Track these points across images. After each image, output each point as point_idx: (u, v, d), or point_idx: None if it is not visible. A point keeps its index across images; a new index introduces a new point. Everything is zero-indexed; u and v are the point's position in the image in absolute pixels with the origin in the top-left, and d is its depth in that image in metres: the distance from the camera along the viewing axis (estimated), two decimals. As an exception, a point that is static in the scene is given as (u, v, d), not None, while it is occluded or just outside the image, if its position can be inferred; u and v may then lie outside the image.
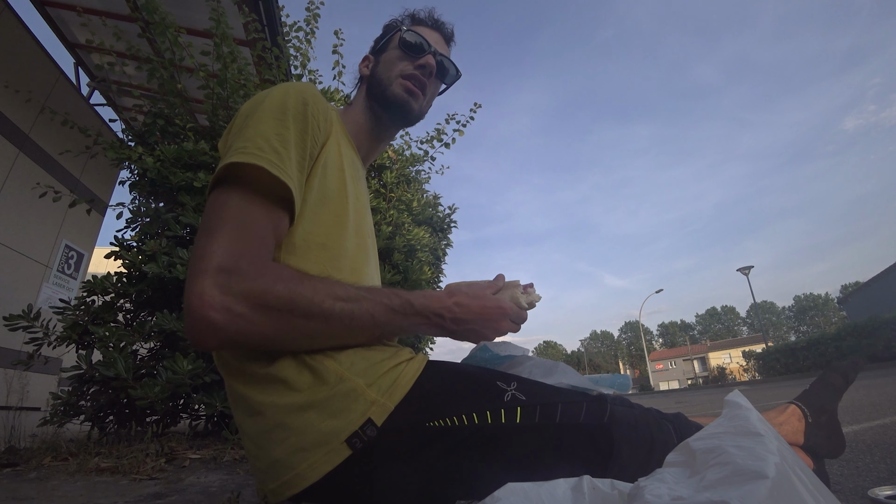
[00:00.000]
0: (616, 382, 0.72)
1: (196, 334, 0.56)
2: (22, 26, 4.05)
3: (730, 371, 29.11)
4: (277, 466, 0.62)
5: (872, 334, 12.97)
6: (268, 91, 0.71)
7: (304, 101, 0.69)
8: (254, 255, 0.58)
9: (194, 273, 0.56)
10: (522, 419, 0.63)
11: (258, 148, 0.62)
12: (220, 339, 0.56)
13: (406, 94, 0.88)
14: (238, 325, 0.55)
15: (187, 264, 0.66)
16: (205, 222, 0.61)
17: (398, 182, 3.26)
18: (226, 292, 0.55)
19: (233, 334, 0.56)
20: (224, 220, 0.60)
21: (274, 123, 0.66)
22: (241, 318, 0.55)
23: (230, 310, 0.55)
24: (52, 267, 4.65)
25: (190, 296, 0.55)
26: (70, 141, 3.51)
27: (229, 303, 0.55)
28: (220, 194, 0.63)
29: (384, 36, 0.96)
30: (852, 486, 1.08)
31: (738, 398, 0.53)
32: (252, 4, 3.15)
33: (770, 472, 0.37)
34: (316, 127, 0.70)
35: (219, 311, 0.54)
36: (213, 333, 0.55)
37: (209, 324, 0.54)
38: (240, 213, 0.61)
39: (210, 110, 2.41)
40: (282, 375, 0.62)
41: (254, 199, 0.62)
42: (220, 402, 1.80)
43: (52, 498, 1.12)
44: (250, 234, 0.60)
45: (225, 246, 0.57)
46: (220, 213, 0.61)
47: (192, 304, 0.54)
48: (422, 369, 0.67)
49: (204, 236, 0.59)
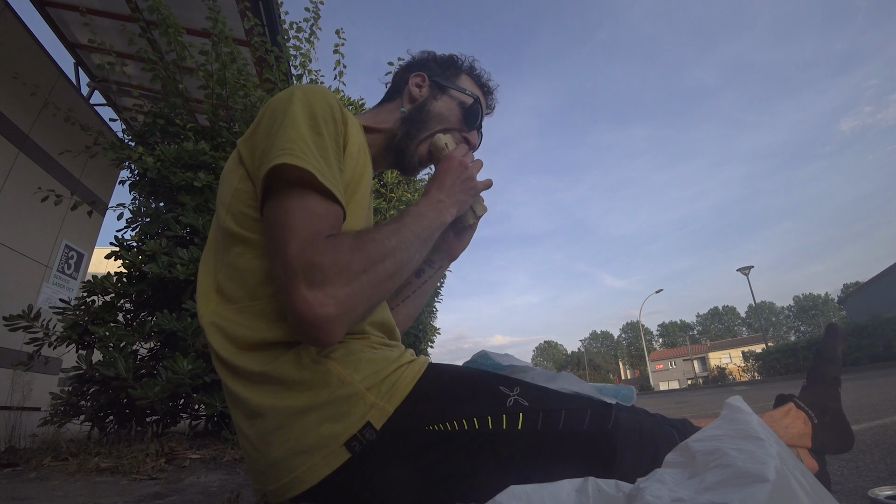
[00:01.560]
0: (620, 393, 0.71)
1: (321, 335, 0.56)
2: (22, 26, 4.05)
3: (729, 371, 29.11)
4: (276, 469, 0.61)
5: (872, 334, 12.95)
6: (291, 93, 0.70)
7: (329, 104, 0.70)
8: (324, 239, 0.59)
9: (286, 286, 0.57)
10: (524, 426, 0.62)
11: (303, 152, 0.62)
12: (342, 325, 0.58)
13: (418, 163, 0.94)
14: (348, 304, 0.57)
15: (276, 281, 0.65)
16: (274, 234, 0.61)
17: (398, 182, 3.26)
18: (322, 285, 0.56)
19: (350, 314, 0.58)
20: (288, 223, 0.60)
21: (307, 126, 0.66)
22: (347, 298, 0.57)
23: (335, 297, 0.56)
24: (52, 267, 4.65)
25: (294, 307, 0.55)
26: (70, 141, 3.51)
27: (331, 291, 0.56)
28: (274, 205, 0.63)
29: (446, 72, 0.95)
30: (852, 486, 1.08)
31: (738, 402, 0.53)
32: (252, 4, 3.15)
33: (770, 476, 0.37)
34: (339, 132, 0.71)
35: (329, 304, 0.56)
36: (335, 325, 0.57)
37: (327, 320, 0.56)
38: (299, 210, 0.61)
39: (210, 110, 2.41)
40: (282, 377, 0.62)
41: (308, 195, 0.62)
42: (220, 402, 1.80)
43: (52, 498, 1.12)
44: (314, 223, 0.60)
45: (298, 243, 0.58)
46: (282, 218, 0.61)
47: (302, 310, 0.55)
48: (422, 372, 0.67)
49: (279, 248, 0.59)
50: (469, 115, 0.92)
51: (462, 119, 0.92)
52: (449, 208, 0.80)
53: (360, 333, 0.71)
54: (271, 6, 3.23)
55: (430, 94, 0.92)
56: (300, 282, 0.55)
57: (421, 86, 0.93)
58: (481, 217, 0.98)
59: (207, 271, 0.74)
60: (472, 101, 0.92)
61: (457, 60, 0.97)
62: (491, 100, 1.00)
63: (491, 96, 1.00)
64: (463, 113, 0.92)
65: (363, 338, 0.71)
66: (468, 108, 0.92)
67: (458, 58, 0.97)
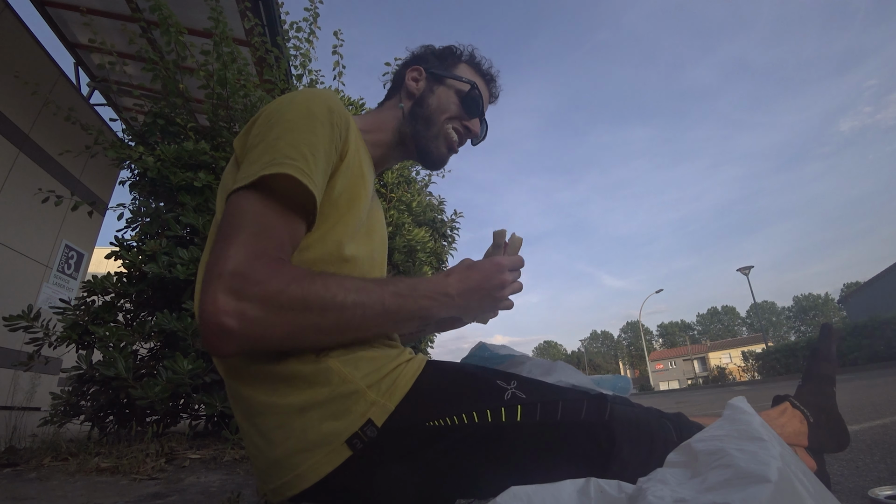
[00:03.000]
0: (617, 384, 0.72)
1: (212, 342, 0.54)
2: (22, 26, 4.05)
3: (729, 371, 29.10)
4: (278, 467, 0.62)
5: (872, 334, 12.94)
6: (291, 96, 0.70)
7: (329, 108, 0.68)
8: (269, 259, 0.57)
9: (208, 279, 0.55)
10: (523, 417, 0.63)
11: (286, 156, 0.61)
12: (236, 344, 0.54)
13: (447, 151, 0.92)
14: (253, 329, 0.54)
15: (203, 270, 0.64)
16: (222, 228, 0.60)
17: (398, 182, 3.26)
18: (240, 297, 0.53)
19: (249, 339, 0.55)
20: (241, 226, 0.59)
21: (303, 129, 0.65)
22: (255, 322, 0.54)
23: (244, 314, 0.53)
24: (52, 267, 4.65)
25: (203, 303, 0.54)
26: (70, 141, 3.51)
27: (244, 307, 0.53)
28: (239, 199, 0.61)
29: (444, 63, 0.94)
30: (852, 486, 1.08)
31: (741, 403, 0.53)
32: (252, 4, 3.15)
33: (772, 476, 0.37)
34: (338, 136, 0.70)
35: (232, 316, 0.53)
36: (229, 340, 0.54)
37: (224, 330, 0.53)
38: (257, 219, 0.60)
39: (210, 110, 2.41)
40: (284, 376, 0.62)
41: (273, 206, 0.61)
42: (220, 402, 1.80)
43: (52, 498, 1.12)
44: (266, 239, 0.59)
45: (240, 251, 0.56)
46: (238, 219, 0.60)
47: (206, 310, 0.53)
48: (421, 369, 0.67)
49: (220, 242, 0.58)
50: (468, 103, 0.91)
51: (461, 107, 0.91)
52: (450, 308, 0.70)
53: None
54: (271, 6, 3.23)
55: (428, 86, 0.91)
56: (220, 282, 0.54)
57: (418, 80, 0.93)
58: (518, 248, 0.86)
59: (205, 264, 0.74)
60: (470, 88, 0.90)
61: (455, 50, 0.96)
62: (494, 87, 0.98)
63: (493, 84, 0.98)
64: (462, 101, 0.91)
65: None
66: (466, 96, 0.90)
67: (456, 47, 0.96)
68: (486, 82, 0.96)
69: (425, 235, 3.11)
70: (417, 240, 3.00)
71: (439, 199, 3.84)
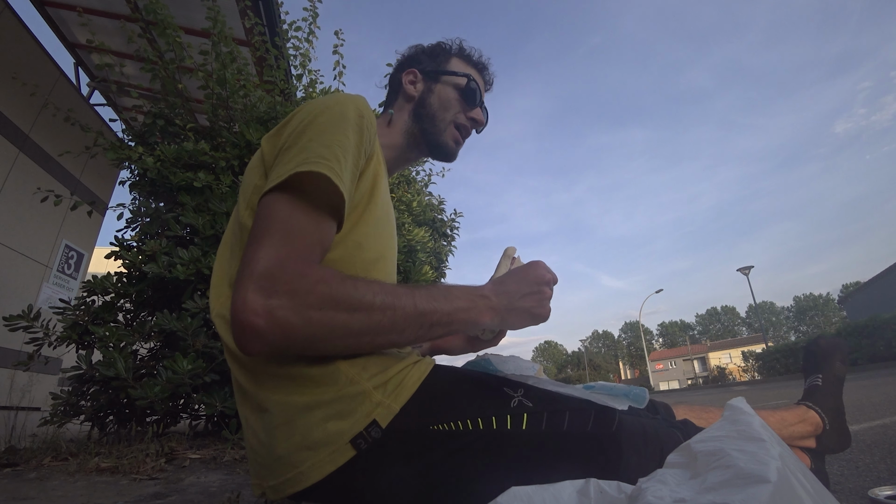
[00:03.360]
0: (632, 394, 0.70)
1: (242, 341, 0.55)
2: (22, 26, 4.05)
3: (729, 371, 29.11)
4: (281, 463, 0.62)
5: (872, 334, 12.94)
6: (323, 99, 0.71)
7: (360, 114, 0.70)
8: (298, 259, 0.58)
9: (239, 280, 0.56)
10: (528, 426, 0.62)
11: (319, 156, 0.62)
12: (265, 344, 0.55)
13: (454, 144, 0.95)
14: (282, 329, 0.55)
15: (218, 272, 0.64)
16: (254, 230, 0.61)
17: (398, 182, 3.27)
18: (269, 297, 0.54)
19: (278, 338, 0.55)
20: (272, 228, 0.59)
21: (335, 132, 0.66)
22: (284, 323, 0.54)
23: (273, 314, 0.54)
24: (52, 267, 4.65)
25: (234, 303, 0.55)
26: (70, 141, 3.51)
27: (273, 307, 0.54)
28: (270, 202, 0.62)
29: (436, 60, 0.96)
30: (852, 486, 1.08)
31: (741, 403, 0.52)
32: (252, 3, 3.15)
33: (772, 476, 0.37)
34: (367, 140, 0.71)
35: (262, 316, 0.53)
36: (258, 339, 0.54)
37: (253, 330, 0.54)
38: (288, 221, 0.60)
39: (210, 110, 2.41)
40: (292, 375, 0.63)
41: (303, 207, 0.61)
42: (220, 401, 1.80)
43: (52, 498, 1.12)
44: (296, 241, 0.59)
45: (270, 252, 0.57)
46: (269, 221, 0.60)
47: (237, 310, 0.54)
48: (428, 372, 0.67)
49: (251, 244, 0.59)
50: (467, 95, 0.93)
51: (462, 100, 0.93)
52: (486, 311, 0.67)
53: None
54: (271, 5, 3.23)
55: (426, 86, 0.94)
56: (252, 282, 0.55)
57: (415, 82, 0.95)
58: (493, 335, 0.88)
59: (221, 265, 0.74)
60: (467, 81, 0.93)
61: (444, 46, 0.98)
62: (487, 75, 1.01)
63: (486, 72, 1.00)
64: (461, 94, 0.93)
65: None
66: (464, 89, 0.93)
67: (445, 43, 0.99)
68: (480, 71, 0.99)
69: (425, 235, 3.11)
70: (417, 239, 3.00)
71: (439, 198, 3.84)
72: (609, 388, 0.71)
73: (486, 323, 0.67)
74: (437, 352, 0.99)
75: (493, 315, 0.68)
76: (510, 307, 0.69)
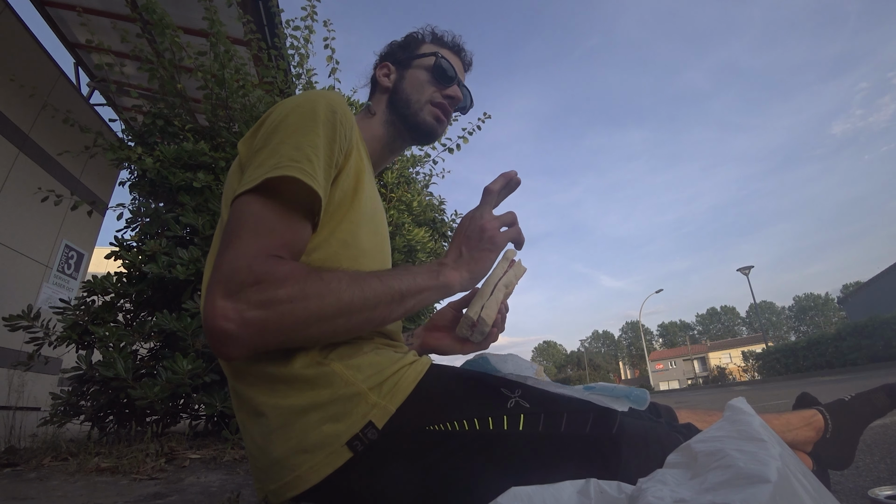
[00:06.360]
0: (633, 395, 0.69)
1: (217, 347, 0.55)
2: (22, 26, 4.05)
3: (729, 371, 29.10)
4: (278, 467, 0.62)
5: (872, 334, 12.94)
6: (294, 98, 0.70)
7: (332, 109, 0.69)
8: (266, 258, 0.58)
9: (208, 285, 0.56)
10: (525, 427, 0.62)
11: (290, 159, 0.61)
12: (239, 347, 0.55)
13: (435, 122, 0.93)
14: (255, 328, 0.54)
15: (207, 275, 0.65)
16: (224, 233, 0.61)
17: (398, 182, 3.26)
18: (237, 300, 0.54)
19: (253, 339, 0.55)
20: (240, 229, 0.59)
21: (306, 131, 0.65)
22: (256, 322, 0.54)
23: (243, 316, 0.54)
24: (52, 267, 4.65)
25: (204, 309, 0.55)
26: (70, 141, 3.50)
27: (241, 310, 0.54)
28: (240, 204, 0.62)
29: (408, 49, 0.96)
30: (852, 486, 1.08)
31: (741, 404, 0.52)
32: (252, 3, 3.15)
33: (772, 477, 0.37)
34: (343, 136, 0.70)
35: (232, 320, 0.53)
36: (233, 343, 0.54)
37: (226, 335, 0.54)
38: (256, 221, 0.60)
39: (209, 110, 2.41)
40: (286, 378, 0.62)
41: (274, 207, 0.61)
42: (220, 401, 1.80)
43: (52, 498, 1.12)
44: (264, 239, 0.59)
45: (238, 254, 0.57)
46: (239, 222, 0.60)
47: (206, 316, 0.54)
48: (424, 372, 0.67)
49: (221, 247, 0.59)
50: (438, 72, 0.92)
51: (434, 79, 0.93)
52: (448, 273, 0.71)
53: None
54: (270, 5, 3.23)
55: (398, 75, 0.95)
56: (219, 287, 0.54)
57: (388, 74, 0.96)
58: (483, 337, 0.85)
59: (208, 268, 0.74)
60: (435, 59, 0.92)
61: (416, 35, 0.98)
62: (464, 55, 1.00)
63: (463, 52, 0.99)
64: (432, 73, 0.93)
65: (367, 339, 0.71)
66: (434, 67, 0.92)
67: (417, 32, 0.99)
68: (454, 52, 0.98)
69: (425, 235, 3.11)
70: (417, 240, 3.00)
71: (440, 199, 3.84)
72: (610, 390, 0.70)
73: (455, 283, 0.72)
74: (428, 351, 0.99)
75: (457, 275, 0.72)
76: (470, 260, 0.74)
